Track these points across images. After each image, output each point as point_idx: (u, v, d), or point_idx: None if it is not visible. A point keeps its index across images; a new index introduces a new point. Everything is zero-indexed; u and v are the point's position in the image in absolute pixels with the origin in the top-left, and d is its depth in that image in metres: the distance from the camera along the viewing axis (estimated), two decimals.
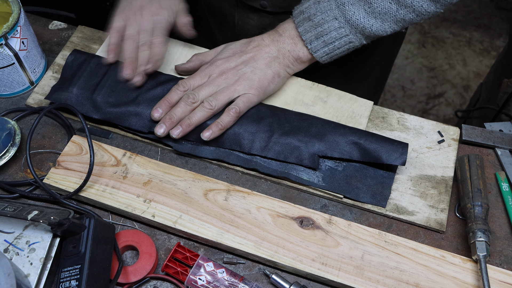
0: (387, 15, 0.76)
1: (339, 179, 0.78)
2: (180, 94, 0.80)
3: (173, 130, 0.77)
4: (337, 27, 0.78)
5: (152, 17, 0.85)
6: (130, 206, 0.74)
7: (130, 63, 0.83)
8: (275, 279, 0.70)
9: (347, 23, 0.78)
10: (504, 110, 1.13)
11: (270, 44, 0.83)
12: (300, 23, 0.81)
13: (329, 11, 0.78)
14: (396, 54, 1.17)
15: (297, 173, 0.78)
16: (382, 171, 0.78)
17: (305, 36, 0.81)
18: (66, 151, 0.78)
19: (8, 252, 0.68)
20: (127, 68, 0.82)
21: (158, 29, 0.85)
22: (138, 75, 0.82)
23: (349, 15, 0.77)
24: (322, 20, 0.79)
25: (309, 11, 0.80)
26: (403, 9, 0.76)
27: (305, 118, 0.81)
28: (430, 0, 0.75)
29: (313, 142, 0.78)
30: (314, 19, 0.79)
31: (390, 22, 0.78)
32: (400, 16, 0.76)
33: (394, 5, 0.75)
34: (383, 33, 0.79)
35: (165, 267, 0.70)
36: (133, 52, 0.83)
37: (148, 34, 0.84)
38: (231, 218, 0.73)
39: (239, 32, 1.03)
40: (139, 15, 0.86)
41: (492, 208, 0.78)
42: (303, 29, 0.80)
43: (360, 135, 0.78)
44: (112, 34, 0.85)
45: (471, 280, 0.69)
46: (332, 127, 0.79)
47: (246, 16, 1.00)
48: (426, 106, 2.22)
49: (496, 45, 2.42)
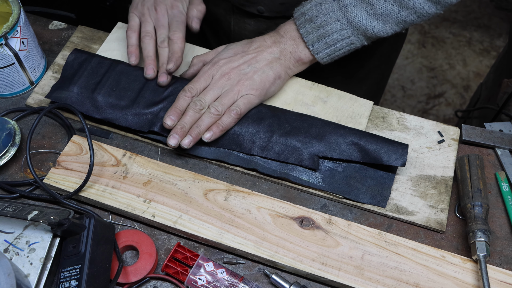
0: (389, 17, 0.77)
1: (339, 180, 0.78)
2: (188, 100, 0.79)
3: (184, 140, 0.76)
4: (339, 28, 0.78)
5: (167, 11, 0.85)
6: (130, 206, 0.74)
7: (150, 62, 0.82)
8: (275, 279, 0.70)
9: (349, 24, 0.78)
10: (504, 110, 1.13)
11: (272, 45, 0.83)
12: (301, 25, 0.81)
13: (331, 13, 0.78)
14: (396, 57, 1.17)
15: (296, 174, 0.78)
16: (382, 171, 0.78)
17: (307, 37, 0.81)
18: (66, 151, 0.78)
19: (8, 252, 0.68)
20: (148, 68, 0.82)
21: (175, 23, 0.84)
22: (162, 76, 0.82)
23: (351, 17, 0.77)
24: (324, 22, 0.79)
25: (310, 13, 0.79)
26: (404, 11, 0.76)
27: (305, 118, 0.81)
28: (431, 2, 0.75)
29: (313, 143, 0.78)
30: (316, 20, 0.79)
31: (392, 24, 0.78)
32: (402, 18, 0.77)
33: (396, 7, 0.76)
34: (384, 34, 0.79)
35: (165, 267, 0.70)
36: (152, 50, 0.83)
37: (165, 29, 0.84)
38: (231, 218, 0.73)
39: (235, 37, 1.03)
40: (153, 11, 0.85)
41: (492, 208, 0.78)
42: (305, 31, 0.80)
43: (360, 136, 0.78)
44: (129, 35, 0.85)
45: (471, 280, 0.69)
46: (332, 128, 0.79)
47: (243, 22, 1.00)
48: (426, 106, 2.22)
49: (496, 45, 2.42)
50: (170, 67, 0.81)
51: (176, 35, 0.83)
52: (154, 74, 0.82)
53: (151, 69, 0.82)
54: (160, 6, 0.85)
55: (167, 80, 0.82)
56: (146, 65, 0.82)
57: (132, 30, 0.85)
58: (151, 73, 0.82)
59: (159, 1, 0.86)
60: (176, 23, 0.84)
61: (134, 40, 0.85)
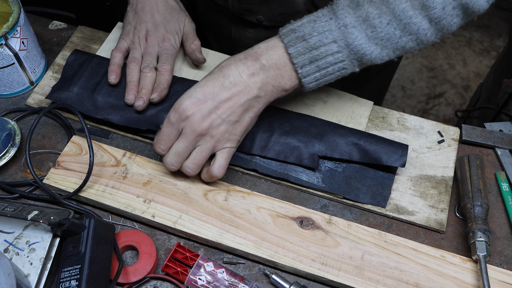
0: (389, 42, 0.69)
1: (339, 180, 0.78)
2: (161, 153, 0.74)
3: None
4: (335, 51, 0.69)
5: (158, 43, 0.84)
6: (130, 206, 0.74)
7: (132, 87, 0.81)
8: (275, 279, 0.70)
9: (346, 47, 0.68)
10: (504, 110, 1.13)
11: (249, 80, 0.69)
12: (291, 43, 0.69)
13: (328, 33, 0.68)
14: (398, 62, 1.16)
15: (296, 174, 0.78)
16: (382, 172, 0.78)
17: (297, 59, 0.69)
18: (66, 151, 0.78)
19: (8, 252, 0.68)
20: (130, 93, 0.80)
21: (165, 55, 0.83)
22: (139, 100, 0.80)
23: (351, 39, 0.68)
24: (319, 42, 0.68)
25: (303, 30, 0.69)
26: (406, 37, 0.69)
27: (305, 118, 0.81)
28: (434, 29, 0.69)
29: (313, 142, 0.78)
30: (310, 40, 0.68)
31: (389, 50, 0.70)
32: (401, 44, 0.70)
33: (398, 31, 0.68)
34: (378, 61, 0.71)
35: (165, 267, 0.70)
36: (136, 76, 0.82)
37: (152, 58, 0.83)
38: (231, 218, 0.73)
39: (236, 44, 1.02)
40: (143, 40, 0.85)
41: (492, 208, 0.78)
42: (296, 51, 0.69)
43: (360, 136, 0.78)
44: (114, 54, 0.84)
45: (471, 280, 0.69)
46: (332, 128, 0.79)
47: (243, 30, 0.99)
48: (426, 106, 2.22)
49: (496, 45, 2.42)
50: (154, 97, 0.80)
51: (164, 67, 0.82)
52: (134, 100, 0.80)
53: (132, 94, 0.80)
54: (152, 37, 0.84)
55: (143, 105, 0.80)
56: (127, 89, 0.81)
57: (118, 50, 0.84)
58: (131, 98, 0.80)
59: (151, 32, 0.85)
60: (166, 55, 0.83)
61: (117, 59, 0.84)
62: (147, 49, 0.84)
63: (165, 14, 0.86)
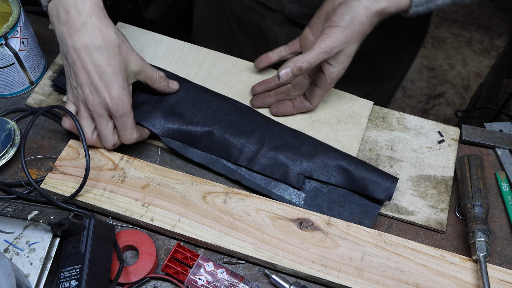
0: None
1: (322, 201, 0.76)
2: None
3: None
4: None
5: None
6: (128, 210, 0.74)
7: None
8: (275, 279, 0.70)
9: None
10: (504, 110, 1.13)
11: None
12: None
13: None
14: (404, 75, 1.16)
15: (279, 192, 0.77)
16: (368, 200, 0.76)
17: None
18: (63, 155, 0.78)
19: (8, 252, 0.68)
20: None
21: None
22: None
23: None
24: None
25: None
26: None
27: (298, 135, 0.79)
28: None
29: (301, 161, 0.76)
30: None
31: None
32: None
33: None
34: (443, 4, 0.75)
35: (165, 267, 0.70)
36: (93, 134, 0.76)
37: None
38: (230, 221, 0.73)
39: (275, 46, 0.94)
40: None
41: (492, 208, 0.78)
42: None
43: (350, 162, 0.76)
44: (65, 122, 0.76)
45: (471, 280, 0.69)
46: (324, 149, 0.77)
47: (293, 33, 0.95)
48: (426, 106, 2.22)
49: (496, 45, 2.42)
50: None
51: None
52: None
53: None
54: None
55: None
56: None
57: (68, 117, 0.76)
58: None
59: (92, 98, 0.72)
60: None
61: (68, 125, 0.76)
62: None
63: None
